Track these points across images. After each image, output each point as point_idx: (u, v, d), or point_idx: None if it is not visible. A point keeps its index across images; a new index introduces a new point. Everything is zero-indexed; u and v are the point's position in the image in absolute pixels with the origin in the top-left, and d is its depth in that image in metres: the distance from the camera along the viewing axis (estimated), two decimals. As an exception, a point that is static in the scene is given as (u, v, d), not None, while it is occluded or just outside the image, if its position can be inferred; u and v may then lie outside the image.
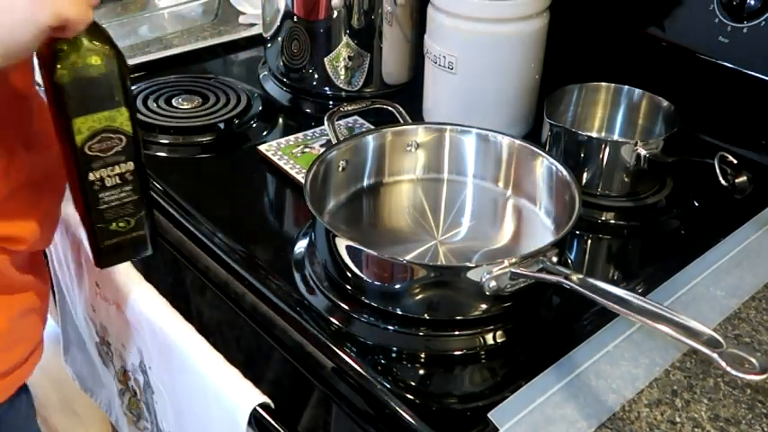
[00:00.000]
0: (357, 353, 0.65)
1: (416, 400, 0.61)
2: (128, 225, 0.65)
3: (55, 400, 1.58)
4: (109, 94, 0.59)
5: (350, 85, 1.03)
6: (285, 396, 0.73)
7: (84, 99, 0.58)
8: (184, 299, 0.85)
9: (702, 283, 0.73)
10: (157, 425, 0.87)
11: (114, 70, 0.59)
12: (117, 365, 0.92)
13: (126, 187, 0.63)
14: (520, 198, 0.81)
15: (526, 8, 0.87)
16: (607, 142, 0.85)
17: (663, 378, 0.64)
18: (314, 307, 0.69)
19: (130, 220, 0.65)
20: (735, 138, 0.92)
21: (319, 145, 0.93)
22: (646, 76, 0.95)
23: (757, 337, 0.69)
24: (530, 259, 0.64)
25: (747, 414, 0.61)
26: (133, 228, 0.65)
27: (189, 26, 1.29)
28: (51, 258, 1.00)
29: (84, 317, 0.96)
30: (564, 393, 0.62)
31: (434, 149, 0.83)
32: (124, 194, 0.63)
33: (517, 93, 0.92)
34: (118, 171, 0.62)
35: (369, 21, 1.00)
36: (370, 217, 0.82)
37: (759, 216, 0.82)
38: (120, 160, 0.61)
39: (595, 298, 0.59)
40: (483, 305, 0.67)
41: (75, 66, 0.57)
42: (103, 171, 0.61)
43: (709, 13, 0.90)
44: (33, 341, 0.74)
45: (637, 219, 0.84)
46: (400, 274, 0.66)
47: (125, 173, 0.62)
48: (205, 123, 0.97)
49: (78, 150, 0.60)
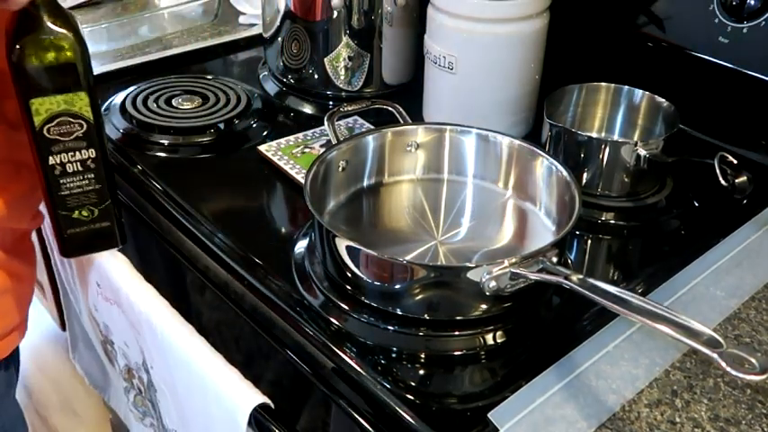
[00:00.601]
0: (357, 353, 0.65)
1: (416, 401, 0.61)
2: (91, 215, 0.65)
3: (55, 400, 1.58)
4: (67, 77, 0.59)
5: (350, 86, 1.03)
6: (285, 396, 0.73)
7: (42, 80, 0.58)
8: (184, 299, 0.85)
9: (702, 284, 0.73)
10: (162, 422, 0.87)
11: (74, 53, 0.59)
12: (121, 363, 0.92)
13: (88, 175, 0.63)
14: (520, 198, 0.81)
15: (526, 8, 0.87)
16: (607, 142, 0.85)
17: (663, 378, 0.64)
18: (314, 307, 0.69)
19: (94, 209, 0.65)
20: (735, 138, 0.92)
21: (319, 145, 0.93)
22: (646, 76, 0.95)
23: (757, 337, 0.69)
24: (530, 259, 0.64)
25: (747, 414, 0.61)
26: (97, 218, 0.66)
27: (189, 26, 1.29)
28: (53, 258, 1.00)
29: (88, 316, 0.96)
30: (564, 393, 0.62)
31: (434, 150, 0.83)
32: (86, 182, 0.63)
33: (517, 93, 0.92)
34: (79, 157, 0.62)
35: (369, 21, 1.00)
36: (370, 217, 0.82)
37: (759, 216, 0.82)
38: (82, 146, 0.62)
39: (595, 298, 0.59)
40: (483, 305, 0.67)
41: (33, 45, 0.57)
42: (64, 156, 0.62)
43: (709, 13, 0.90)
44: (10, 322, 0.73)
45: (637, 219, 0.84)
46: (400, 275, 0.66)
47: (86, 160, 0.62)
48: (205, 123, 0.97)
49: (37, 132, 0.60)
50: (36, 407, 1.57)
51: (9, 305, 0.73)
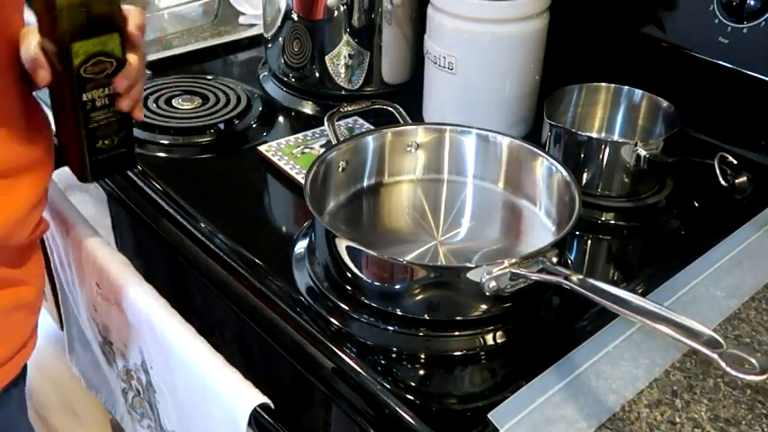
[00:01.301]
0: (357, 353, 0.65)
1: (416, 401, 0.61)
2: (112, 143, 0.71)
3: (55, 400, 1.58)
4: (106, 19, 0.64)
5: (350, 84, 1.03)
6: (285, 396, 0.73)
7: (83, 24, 0.63)
8: (184, 299, 0.85)
9: (702, 284, 0.73)
10: (161, 424, 0.87)
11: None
12: (120, 364, 0.92)
13: (112, 108, 0.69)
14: (520, 198, 0.81)
15: (526, 8, 0.87)
16: (607, 143, 0.85)
17: (663, 378, 0.64)
18: (314, 307, 0.69)
19: (114, 138, 0.71)
20: (735, 138, 0.92)
21: (319, 145, 0.93)
22: (646, 76, 0.95)
23: (757, 337, 0.68)
24: (530, 260, 0.64)
25: (747, 414, 0.61)
26: (116, 146, 0.72)
27: (189, 26, 1.29)
28: (53, 258, 1.00)
29: (87, 317, 0.96)
30: (564, 394, 0.62)
31: (434, 150, 0.83)
32: (110, 114, 0.69)
33: (517, 93, 0.92)
34: (107, 92, 0.68)
35: (369, 20, 1.00)
36: (370, 217, 0.82)
37: (759, 216, 0.82)
38: (109, 82, 0.67)
39: (595, 298, 0.59)
40: (483, 305, 0.67)
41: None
42: (95, 92, 0.67)
43: (709, 13, 0.90)
44: (23, 337, 0.73)
45: (637, 219, 0.84)
46: (400, 275, 0.66)
47: (112, 94, 0.68)
48: (205, 124, 0.97)
49: (75, 73, 0.65)
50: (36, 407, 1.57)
51: (20, 320, 0.73)
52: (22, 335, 0.73)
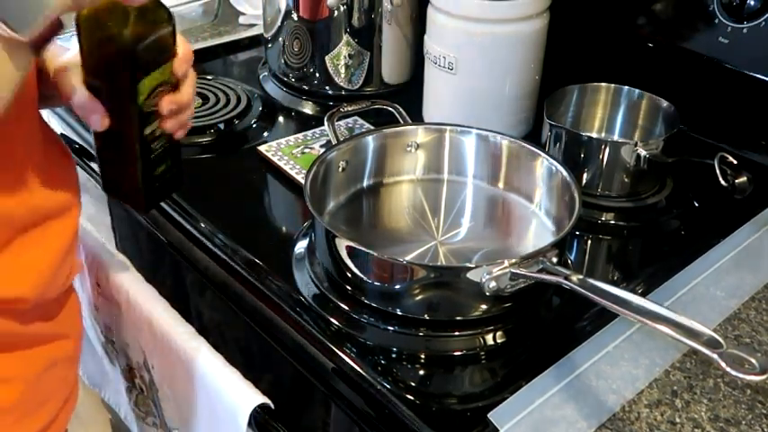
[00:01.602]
0: (357, 353, 0.65)
1: (416, 401, 0.61)
2: (166, 167, 0.67)
3: (55, 400, 1.58)
4: (166, 49, 0.59)
5: (350, 84, 1.03)
6: (285, 396, 0.73)
7: (149, 61, 0.58)
8: (184, 299, 0.85)
9: (702, 284, 0.73)
10: (164, 422, 0.87)
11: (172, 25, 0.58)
12: (122, 363, 0.92)
13: (165, 133, 0.64)
14: (520, 198, 0.81)
15: (526, 8, 0.87)
16: (607, 143, 0.85)
17: (663, 378, 0.64)
18: (314, 307, 0.69)
19: (169, 161, 0.67)
20: (735, 138, 0.92)
21: (319, 145, 0.93)
22: (646, 76, 0.95)
23: (757, 337, 0.69)
24: (530, 260, 0.64)
25: (747, 414, 0.61)
26: (169, 168, 0.67)
27: (189, 26, 1.29)
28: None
29: (89, 316, 0.96)
30: (564, 394, 0.62)
31: (434, 150, 0.83)
32: (165, 140, 0.64)
33: (517, 93, 0.92)
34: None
35: (369, 20, 1.00)
36: (370, 217, 0.82)
37: (759, 216, 0.82)
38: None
39: (595, 298, 0.59)
40: (483, 305, 0.67)
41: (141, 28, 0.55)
42: (155, 124, 0.62)
43: (709, 13, 0.90)
44: (66, 389, 0.68)
45: (637, 219, 0.84)
46: (400, 275, 0.66)
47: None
48: (205, 124, 0.97)
49: (138, 110, 0.59)
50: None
51: (59, 376, 0.67)
52: (67, 386, 0.68)
